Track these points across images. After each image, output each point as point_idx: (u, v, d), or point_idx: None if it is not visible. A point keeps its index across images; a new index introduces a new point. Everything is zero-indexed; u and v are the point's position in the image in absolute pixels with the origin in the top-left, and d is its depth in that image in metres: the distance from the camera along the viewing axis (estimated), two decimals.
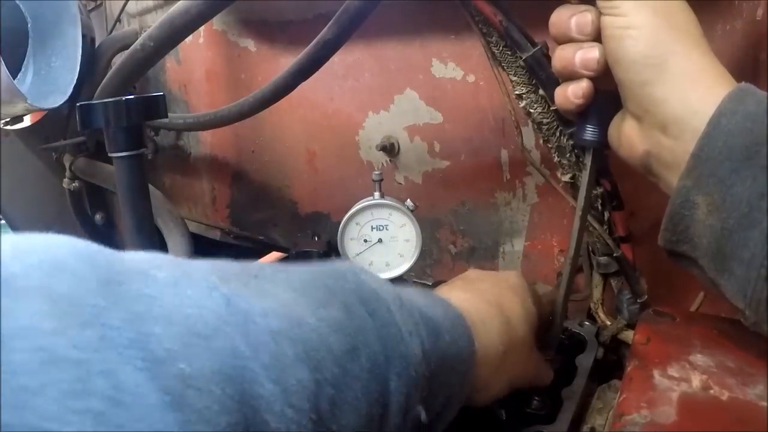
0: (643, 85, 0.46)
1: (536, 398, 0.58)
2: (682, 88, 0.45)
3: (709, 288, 0.46)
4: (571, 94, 0.51)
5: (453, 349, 0.45)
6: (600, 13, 0.48)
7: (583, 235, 0.59)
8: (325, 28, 0.64)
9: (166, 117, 0.55)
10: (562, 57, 0.51)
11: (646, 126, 0.48)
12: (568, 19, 0.50)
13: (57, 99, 1.01)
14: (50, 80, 1.05)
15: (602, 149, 0.55)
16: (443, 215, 0.90)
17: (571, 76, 0.51)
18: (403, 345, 0.40)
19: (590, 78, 0.50)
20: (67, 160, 1.33)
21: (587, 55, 0.49)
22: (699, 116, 0.43)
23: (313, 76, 0.70)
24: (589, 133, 0.54)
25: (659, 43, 0.45)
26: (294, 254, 0.66)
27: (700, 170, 0.43)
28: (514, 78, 0.61)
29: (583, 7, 0.49)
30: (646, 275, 0.67)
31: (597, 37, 0.49)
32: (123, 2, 1.17)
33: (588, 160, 0.56)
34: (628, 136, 0.50)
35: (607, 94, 0.51)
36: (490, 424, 0.56)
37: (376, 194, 0.68)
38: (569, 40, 0.50)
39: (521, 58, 0.59)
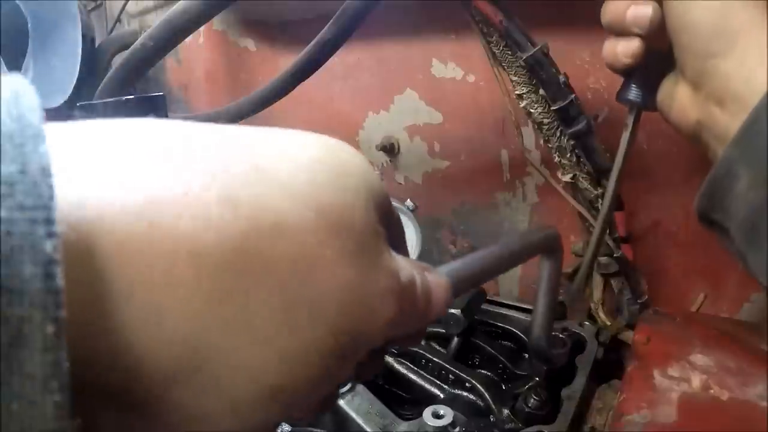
0: (708, 57, 0.43)
1: (536, 398, 0.58)
2: (749, 65, 0.42)
3: (735, 257, 0.44)
4: (621, 53, 0.48)
5: None
6: None
7: (613, 207, 0.56)
8: (325, 28, 0.64)
9: (166, 117, 0.54)
10: (611, 10, 0.48)
11: (702, 96, 0.45)
12: None
13: (57, 99, 1.00)
14: (50, 80, 1.05)
15: (643, 110, 0.52)
16: (443, 215, 0.90)
17: (620, 32, 0.48)
18: None
19: (641, 37, 0.47)
20: None
21: (640, 12, 0.46)
22: (760, 97, 0.41)
23: (313, 76, 0.70)
24: (633, 92, 0.51)
25: (732, 13, 0.42)
26: None
27: (748, 142, 0.41)
28: (515, 78, 0.61)
29: None
30: (646, 275, 0.67)
31: None
32: (123, 2, 1.17)
33: (630, 121, 0.53)
34: (681, 101, 0.47)
35: (656, 54, 0.48)
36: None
37: None
38: None
39: (521, 58, 0.59)
